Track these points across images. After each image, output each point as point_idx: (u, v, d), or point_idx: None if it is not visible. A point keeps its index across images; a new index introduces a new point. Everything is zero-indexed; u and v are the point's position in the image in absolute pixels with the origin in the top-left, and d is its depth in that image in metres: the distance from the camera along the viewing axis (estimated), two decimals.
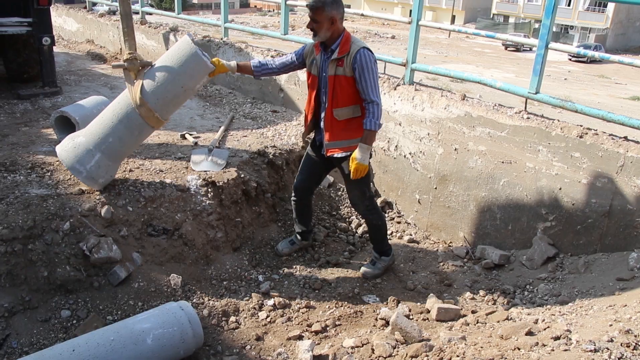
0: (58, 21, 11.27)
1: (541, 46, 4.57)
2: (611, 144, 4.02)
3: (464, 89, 5.57)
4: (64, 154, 3.73)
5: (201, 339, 3.12)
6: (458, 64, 25.17)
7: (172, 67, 3.66)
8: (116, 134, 3.72)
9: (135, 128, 3.75)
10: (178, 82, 3.69)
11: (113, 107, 3.79)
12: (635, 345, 2.46)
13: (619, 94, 21.67)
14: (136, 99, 3.63)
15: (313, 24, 3.59)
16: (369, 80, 3.61)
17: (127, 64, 3.71)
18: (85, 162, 3.67)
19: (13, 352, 3.06)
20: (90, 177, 3.71)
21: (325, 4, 3.52)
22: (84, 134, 3.77)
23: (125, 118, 3.70)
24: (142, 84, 3.65)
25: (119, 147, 3.78)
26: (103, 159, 3.72)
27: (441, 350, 2.88)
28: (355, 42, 3.67)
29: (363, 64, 3.59)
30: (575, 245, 4.21)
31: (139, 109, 3.65)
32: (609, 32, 47.25)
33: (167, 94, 3.70)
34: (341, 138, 3.82)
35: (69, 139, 3.79)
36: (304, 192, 4.29)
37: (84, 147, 3.70)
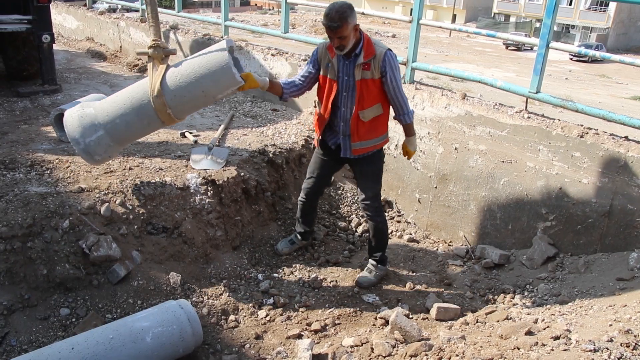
0: (58, 19, 11.26)
1: (542, 45, 4.56)
2: (612, 143, 4.01)
3: (465, 88, 5.55)
4: (69, 119, 3.61)
5: (200, 337, 3.11)
6: (459, 63, 25.14)
7: (199, 68, 3.52)
8: (125, 117, 3.61)
9: (145, 117, 3.64)
10: (200, 86, 3.54)
11: (130, 90, 3.68)
12: (635, 345, 2.45)
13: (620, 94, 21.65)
14: (154, 88, 3.52)
15: (340, 41, 3.50)
16: (397, 80, 3.65)
17: (152, 51, 3.61)
18: (86, 135, 3.57)
19: (12, 350, 3.06)
20: (87, 151, 3.62)
21: (347, 17, 3.43)
22: (95, 106, 3.67)
23: (138, 104, 3.59)
24: (163, 76, 3.55)
25: (124, 130, 3.67)
26: (105, 137, 3.62)
27: (441, 350, 2.88)
28: (378, 44, 3.63)
29: (392, 66, 3.60)
30: (576, 245, 4.20)
31: (154, 100, 3.54)
32: (611, 31, 47.20)
33: (186, 93, 3.56)
34: (367, 138, 3.83)
35: (80, 107, 3.68)
36: (314, 194, 4.27)
37: (90, 119, 3.59)
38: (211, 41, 7.59)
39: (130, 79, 7.67)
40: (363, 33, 3.62)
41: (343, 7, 3.44)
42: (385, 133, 3.93)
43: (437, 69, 5.52)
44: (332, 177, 4.40)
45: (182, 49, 8.07)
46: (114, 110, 3.62)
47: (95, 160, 3.72)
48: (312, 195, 4.25)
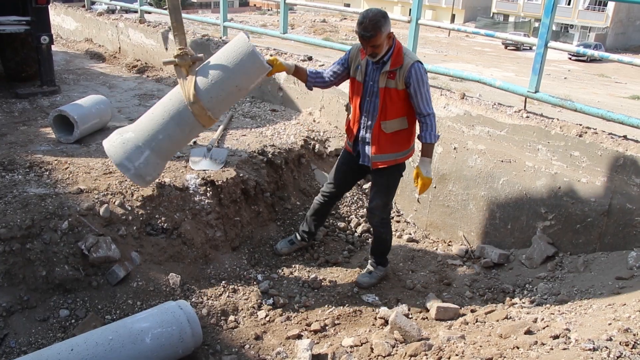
0: (56, 20, 11.25)
1: (540, 45, 4.56)
2: (610, 142, 4.02)
3: (464, 87, 5.57)
4: (112, 149, 3.58)
5: (200, 338, 3.11)
6: (458, 63, 25.18)
7: (227, 65, 3.52)
8: (166, 131, 3.58)
9: (186, 126, 3.60)
10: (233, 81, 3.54)
11: (164, 103, 3.64)
12: (634, 344, 2.46)
13: (619, 93, 21.69)
14: (189, 95, 3.49)
15: (373, 49, 3.47)
16: (424, 94, 3.56)
17: (178, 60, 3.57)
18: (133, 159, 3.54)
19: (11, 351, 3.06)
20: (138, 175, 3.59)
21: (381, 27, 3.39)
22: (133, 129, 3.62)
23: (176, 115, 3.56)
24: (195, 81, 3.52)
25: (168, 144, 3.65)
26: (152, 157, 3.59)
27: (440, 350, 2.88)
28: (408, 54, 3.57)
29: (418, 79, 3.51)
30: (575, 244, 4.21)
31: (192, 107, 3.50)
32: (609, 31, 47.27)
33: (221, 92, 3.54)
34: (388, 151, 3.75)
35: (118, 133, 3.64)
36: (333, 197, 4.24)
37: (133, 143, 3.56)
38: (210, 42, 7.59)
39: (129, 80, 7.68)
40: (396, 41, 3.57)
41: (377, 16, 3.40)
42: (407, 148, 3.85)
43: (435, 69, 5.52)
44: (352, 186, 4.32)
45: None
46: (153, 127, 3.57)
47: (147, 181, 3.70)
48: (329, 199, 4.22)
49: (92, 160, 4.40)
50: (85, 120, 4.88)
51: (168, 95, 3.69)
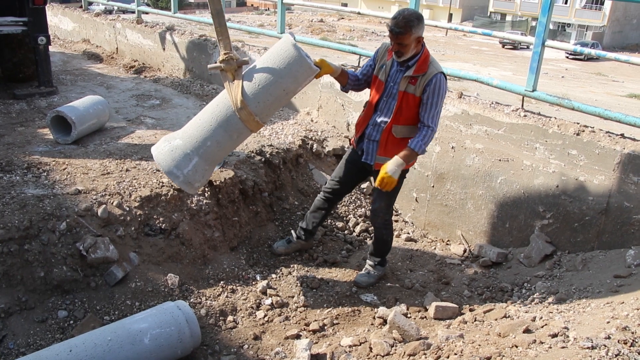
0: (54, 20, 11.24)
1: (538, 44, 4.57)
2: (608, 141, 4.02)
3: (462, 87, 5.57)
4: (160, 156, 3.51)
5: (199, 338, 3.11)
6: (455, 62, 25.18)
7: (274, 68, 3.43)
8: (215, 138, 3.50)
9: (234, 132, 3.53)
10: (280, 85, 3.46)
11: (211, 109, 3.55)
12: (633, 342, 2.46)
13: (616, 92, 21.73)
14: (237, 101, 3.42)
15: (399, 47, 3.46)
16: (434, 106, 3.53)
17: (224, 65, 3.47)
18: (182, 167, 3.48)
19: (10, 353, 3.05)
20: (187, 182, 3.52)
21: (412, 27, 3.38)
22: (181, 136, 3.55)
23: (224, 121, 3.48)
24: (242, 86, 3.45)
25: (216, 151, 3.58)
26: (200, 163, 3.52)
27: (439, 349, 2.88)
28: (434, 63, 3.56)
29: (435, 90, 3.50)
30: (573, 242, 4.21)
31: (240, 112, 3.42)
32: (606, 29, 47.34)
33: (268, 97, 3.47)
34: (392, 155, 3.68)
35: (165, 141, 3.57)
36: (336, 195, 4.21)
37: (182, 150, 3.49)
38: (207, 42, 7.58)
39: (126, 80, 7.67)
40: (425, 48, 3.56)
41: (412, 15, 3.40)
42: None
43: None
44: (354, 186, 4.29)
45: (179, 50, 8.06)
46: (201, 134, 3.51)
47: (196, 187, 3.64)
48: (333, 196, 4.19)
49: (90, 161, 4.40)
50: (83, 121, 4.88)
51: (215, 101, 3.61)
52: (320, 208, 4.26)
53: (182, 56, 8.03)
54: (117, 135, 5.21)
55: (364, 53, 6.28)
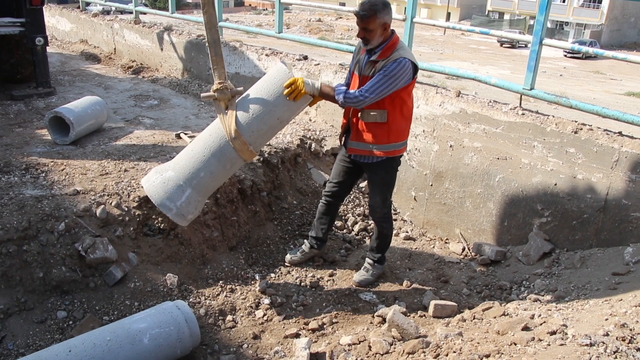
0: (51, 21, 11.23)
1: (535, 42, 4.57)
2: (606, 139, 4.03)
3: (460, 86, 5.58)
4: (152, 189, 3.44)
5: (198, 338, 3.11)
6: (453, 61, 25.20)
7: (268, 98, 3.41)
8: (208, 168, 3.45)
9: (227, 162, 3.49)
10: (274, 114, 3.45)
11: (204, 139, 3.49)
12: (631, 339, 2.47)
13: (614, 90, 21.74)
14: (231, 131, 3.37)
15: (365, 33, 3.44)
16: (376, 81, 3.41)
17: (218, 94, 3.41)
18: (175, 199, 3.41)
19: (9, 353, 3.05)
20: (180, 214, 3.44)
21: (378, 11, 3.37)
22: (173, 167, 3.48)
23: (218, 151, 3.43)
24: (235, 115, 3.40)
25: (210, 182, 3.52)
26: (193, 195, 3.46)
27: (438, 347, 2.89)
28: (401, 50, 3.47)
29: (389, 68, 3.40)
30: (571, 240, 4.22)
31: (233, 142, 3.38)
32: (604, 28, 47.37)
33: (262, 126, 3.44)
34: (363, 140, 3.69)
35: (157, 173, 3.50)
36: (335, 198, 4.18)
37: (174, 182, 3.41)
38: (205, 42, 7.58)
39: (124, 81, 7.67)
40: (394, 37, 3.51)
41: (378, 1, 3.41)
42: (388, 143, 3.68)
43: (430, 67, 5.53)
44: (353, 184, 4.23)
45: (177, 50, 8.06)
46: (194, 165, 3.45)
47: (188, 219, 3.54)
48: (332, 198, 4.16)
49: (88, 162, 4.40)
50: (81, 121, 4.88)
51: (207, 131, 3.55)
52: (325, 213, 4.23)
53: (180, 56, 8.03)
54: (115, 135, 5.21)
55: None
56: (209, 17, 3.36)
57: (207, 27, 3.38)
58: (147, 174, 3.58)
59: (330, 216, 4.27)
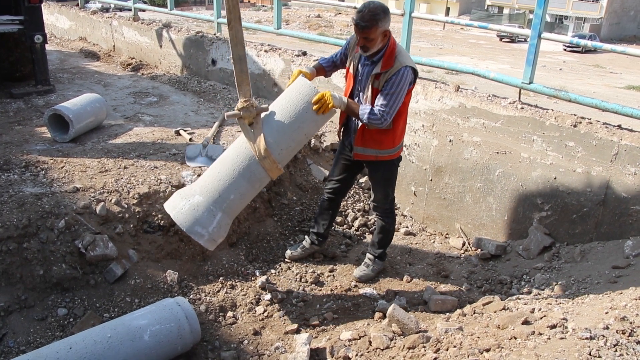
0: (50, 19, 11.21)
1: (534, 36, 4.56)
2: (605, 132, 4.02)
3: (459, 80, 5.57)
4: (181, 216, 3.28)
5: (198, 334, 3.12)
6: (453, 56, 25.16)
7: (294, 114, 3.34)
8: (238, 190, 3.36)
9: (257, 181, 3.41)
10: (302, 130, 3.41)
11: (231, 160, 3.38)
12: (631, 332, 2.47)
13: (614, 83, 21.71)
14: (260, 151, 3.28)
15: (365, 42, 3.39)
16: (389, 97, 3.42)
17: (243, 112, 3.31)
18: (207, 224, 3.28)
19: (10, 351, 3.06)
20: (211, 240, 3.35)
21: (379, 20, 3.31)
22: (200, 191, 3.35)
23: (247, 172, 3.34)
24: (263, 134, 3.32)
25: (239, 203, 3.45)
26: (224, 218, 3.37)
27: (438, 341, 2.89)
28: (400, 57, 3.45)
29: (396, 82, 3.41)
30: (571, 234, 4.22)
31: (263, 162, 3.30)
32: (604, 21, 47.26)
33: (291, 143, 3.40)
34: (369, 146, 3.70)
35: (184, 199, 3.35)
36: (336, 194, 4.19)
37: (204, 207, 3.29)
38: (204, 38, 7.57)
39: (123, 78, 7.65)
40: (391, 41, 3.47)
41: (378, 8, 3.33)
42: (393, 147, 3.75)
43: (429, 62, 5.52)
44: (354, 179, 4.25)
45: (176, 47, 8.04)
46: (223, 187, 3.34)
47: (218, 243, 3.46)
48: (333, 194, 4.17)
49: (88, 159, 4.39)
50: (80, 119, 4.87)
51: (233, 151, 3.43)
52: (327, 209, 4.24)
53: (179, 53, 8.01)
54: (114, 132, 5.21)
55: None
56: (235, 32, 3.21)
57: (233, 43, 3.25)
58: (170, 200, 3.43)
59: (332, 212, 4.28)
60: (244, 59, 3.29)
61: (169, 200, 3.43)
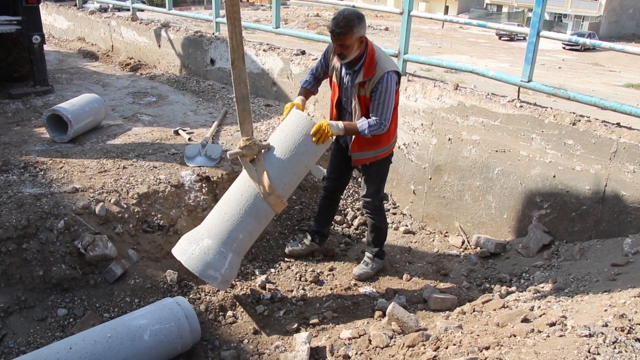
0: (48, 19, 11.20)
1: (532, 34, 4.56)
2: (604, 130, 4.03)
3: (458, 79, 5.56)
4: (193, 262, 3.28)
5: (198, 334, 3.12)
6: (452, 55, 25.13)
7: (294, 149, 3.40)
8: (246, 229, 3.39)
9: (263, 218, 3.46)
10: (303, 163, 3.48)
11: (237, 200, 3.40)
12: (630, 329, 2.47)
13: (613, 82, 21.69)
14: (265, 187, 3.32)
15: (342, 49, 3.39)
16: (382, 105, 3.49)
17: (246, 151, 3.35)
18: (219, 267, 3.30)
19: (10, 351, 3.06)
20: (224, 281, 3.38)
21: (354, 26, 3.31)
22: (208, 234, 3.36)
23: (253, 210, 3.37)
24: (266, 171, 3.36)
25: (248, 241, 3.50)
26: (235, 258, 3.40)
27: (438, 339, 2.89)
28: (381, 63, 3.47)
29: (383, 89, 3.45)
30: (570, 232, 4.22)
31: (268, 198, 3.34)
32: (603, 19, 47.24)
33: (293, 177, 3.47)
34: (366, 149, 3.76)
35: (192, 243, 3.35)
36: (334, 191, 4.25)
37: (215, 250, 3.31)
38: (203, 38, 7.56)
39: (122, 78, 7.65)
40: (369, 48, 3.48)
41: (352, 15, 3.34)
42: (387, 145, 3.82)
43: (428, 60, 5.52)
44: (349, 175, 4.28)
45: (175, 47, 8.04)
46: (232, 228, 3.36)
47: (230, 283, 3.49)
48: (331, 191, 4.23)
49: (87, 159, 4.40)
50: (79, 119, 4.87)
51: (237, 190, 3.46)
52: (326, 207, 4.30)
53: (178, 53, 8.01)
54: (113, 133, 5.21)
55: None
56: (239, 71, 3.22)
57: (236, 82, 3.25)
58: (178, 245, 3.42)
59: (332, 210, 4.34)
60: (246, 98, 3.30)
61: (177, 246, 3.43)
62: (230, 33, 3.02)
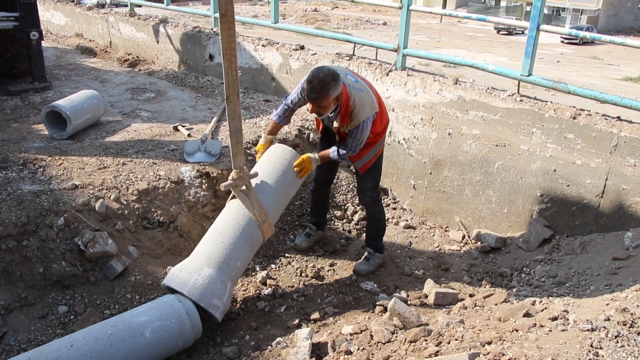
0: (46, 15, 11.14)
1: (532, 28, 4.55)
2: (604, 124, 4.02)
3: (458, 73, 5.53)
4: (197, 292, 3.18)
5: (199, 330, 3.11)
6: (451, 49, 25.06)
7: (283, 180, 3.69)
8: (243, 257, 3.48)
9: (256, 245, 3.59)
10: (289, 193, 3.81)
11: (233, 229, 3.44)
12: (632, 323, 2.47)
13: (612, 75, 21.65)
14: (261, 215, 3.48)
15: (318, 109, 3.47)
16: (356, 141, 3.65)
17: (238, 181, 3.45)
18: (222, 296, 3.29)
19: (11, 349, 3.06)
20: (224, 311, 3.34)
21: (329, 89, 3.34)
22: (207, 263, 3.31)
23: (249, 238, 3.47)
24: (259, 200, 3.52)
25: (242, 268, 3.56)
26: (231, 286, 3.41)
27: (440, 334, 2.89)
28: (355, 112, 3.54)
29: (359, 132, 3.60)
30: (571, 226, 4.22)
31: (262, 226, 3.50)
32: (601, 13, 47.11)
33: (281, 206, 3.78)
34: (366, 153, 3.87)
35: (193, 273, 3.26)
36: (323, 184, 4.38)
37: (216, 279, 3.27)
38: (201, 33, 7.53)
39: (120, 74, 7.62)
40: (344, 99, 3.51)
41: (327, 77, 3.33)
42: (380, 140, 3.92)
43: (427, 55, 5.50)
44: (335, 167, 4.42)
45: (173, 42, 8.01)
46: (230, 255, 3.37)
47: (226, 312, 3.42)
48: (320, 184, 4.36)
49: (86, 156, 4.38)
50: (78, 115, 4.85)
51: (231, 219, 3.48)
52: (318, 198, 4.44)
53: (176, 48, 7.98)
54: (112, 129, 5.19)
55: (358, 41, 6.24)
56: (233, 106, 3.24)
57: (230, 117, 3.28)
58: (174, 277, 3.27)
59: (324, 198, 4.50)
60: (240, 131, 3.37)
61: (174, 278, 3.27)
62: (226, 69, 3.04)
